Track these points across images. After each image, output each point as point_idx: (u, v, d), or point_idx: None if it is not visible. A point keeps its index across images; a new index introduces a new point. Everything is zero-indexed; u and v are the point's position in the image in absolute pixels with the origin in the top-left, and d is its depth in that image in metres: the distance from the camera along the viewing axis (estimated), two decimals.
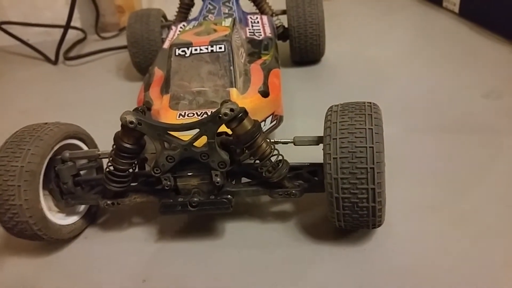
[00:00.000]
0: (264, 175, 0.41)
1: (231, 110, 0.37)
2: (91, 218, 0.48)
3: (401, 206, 0.44)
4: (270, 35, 0.64)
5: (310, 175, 0.44)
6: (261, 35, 0.64)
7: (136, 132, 0.38)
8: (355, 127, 0.38)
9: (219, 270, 0.41)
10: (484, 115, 0.59)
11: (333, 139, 0.38)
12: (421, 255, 0.40)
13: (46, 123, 0.45)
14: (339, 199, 0.38)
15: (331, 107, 0.41)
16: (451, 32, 0.87)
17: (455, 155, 0.52)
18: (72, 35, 1.08)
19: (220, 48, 0.48)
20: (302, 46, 0.73)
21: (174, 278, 0.40)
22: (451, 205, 0.45)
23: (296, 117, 0.62)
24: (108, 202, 0.43)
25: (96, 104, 0.76)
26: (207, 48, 0.48)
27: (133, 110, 0.39)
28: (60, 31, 0.97)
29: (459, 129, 0.57)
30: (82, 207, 0.47)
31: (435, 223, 0.43)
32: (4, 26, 1.01)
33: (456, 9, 0.92)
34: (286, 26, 0.75)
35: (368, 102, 0.41)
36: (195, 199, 0.41)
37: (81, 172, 0.47)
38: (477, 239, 0.41)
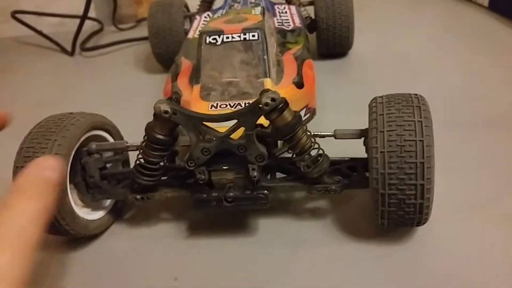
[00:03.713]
0: (303, 170, 0.38)
1: (273, 99, 0.35)
2: (117, 214, 0.46)
3: (442, 205, 0.42)
4: (299, 25, 0.62)
5: (349, 170, 0.42)
6: (290, 25, 0.62)
7: (170, 122, 0.36)
8: (403, 120, 0.36)
9: (253, 269, 0.39)
10: None
11: (380, 132, 0.35)
12: (465, 255, 0.38)
13: (71, 113, 0.43)
14: (385, 195, 0.35)
15: (375, 98, 0.39)
16: (481, 26, 0.85)
17: (495, 152, 0.50)
18: (88, 26, 1.06)
19: (254, 36, 0.46)
20: (330, 38, 0.71)
21: (206, 276, 0.38)
22: (495, 204, 0.43)
23: (326, 111, 0.60)
24: (138, 196, 0.41)
25: (116, 96, 0.74)
26: (239, 36, 0.46)
27: (166, 99, 0.37)
28: (74, 23, 0.95)
29: (497, 125, 0.55)
30: (108, 202, 0.45)
31: (479, 222, 0.41)
32: (17, 16, 0.99)
33: (486, 3, 0.90)
34: (313, 17, 0.73)
35: (414, 94, 0.38)
36: (231, 194, 0.38)
37: (107, 165, 0.45)
38: None
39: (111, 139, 0.46)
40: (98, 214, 0.44)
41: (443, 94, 0.62)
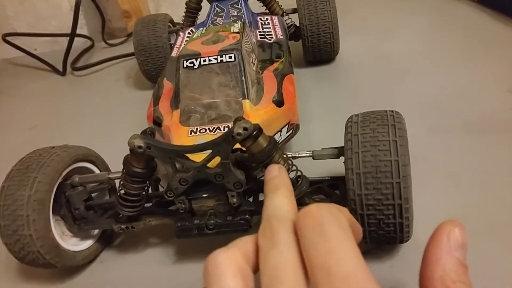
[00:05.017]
0: None
1: (245, 129, 0.34)
2: (106, 241, 0.46)
3: (427, 216, 0.41)
4: (281, 37, 0.61)
5: (331, 188, 0.41)
6: (272, 37, 0.61)
7: (146, 155, 0.37)
8: (378, 139, 0.35)
9: None
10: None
11: (355, 153, 0.35)
12: None
13: (53, 147, 0.43)
14: (363, 216, 0.35)
15: (351, 117, 0.39)
16: (471, 21, 0.83)
17: (483, 156, 0.49)
18: (80, 42, 1.07)
19: (230, 57, 0.45)
20: (315, 45, 0.70)
21: None
22: (482, 213, 0.42)
23: (313, 121, 0.59)
24: (122, 226, 0.42)
25: (108, 116, 0.75)
26: (216, 58, 0.46)
27: (141, 133, 0.37)
28: (67, 39, 0.96)
29: (485, 127, 0.54)
30: (96, 231, 0.46)
31: (466, 234, 0.40)
32: (9, 38, 0.99)
33: None
34: (297, 25, 0.72)
35: (390, 111, 0.38)
36: (212, 221, 0.39)
37: (93, 194, 0.46)
38: None
39: (96, 169, 0.46)
40: (86, 244, 0.44)
41: (430, 96, 0.61)
